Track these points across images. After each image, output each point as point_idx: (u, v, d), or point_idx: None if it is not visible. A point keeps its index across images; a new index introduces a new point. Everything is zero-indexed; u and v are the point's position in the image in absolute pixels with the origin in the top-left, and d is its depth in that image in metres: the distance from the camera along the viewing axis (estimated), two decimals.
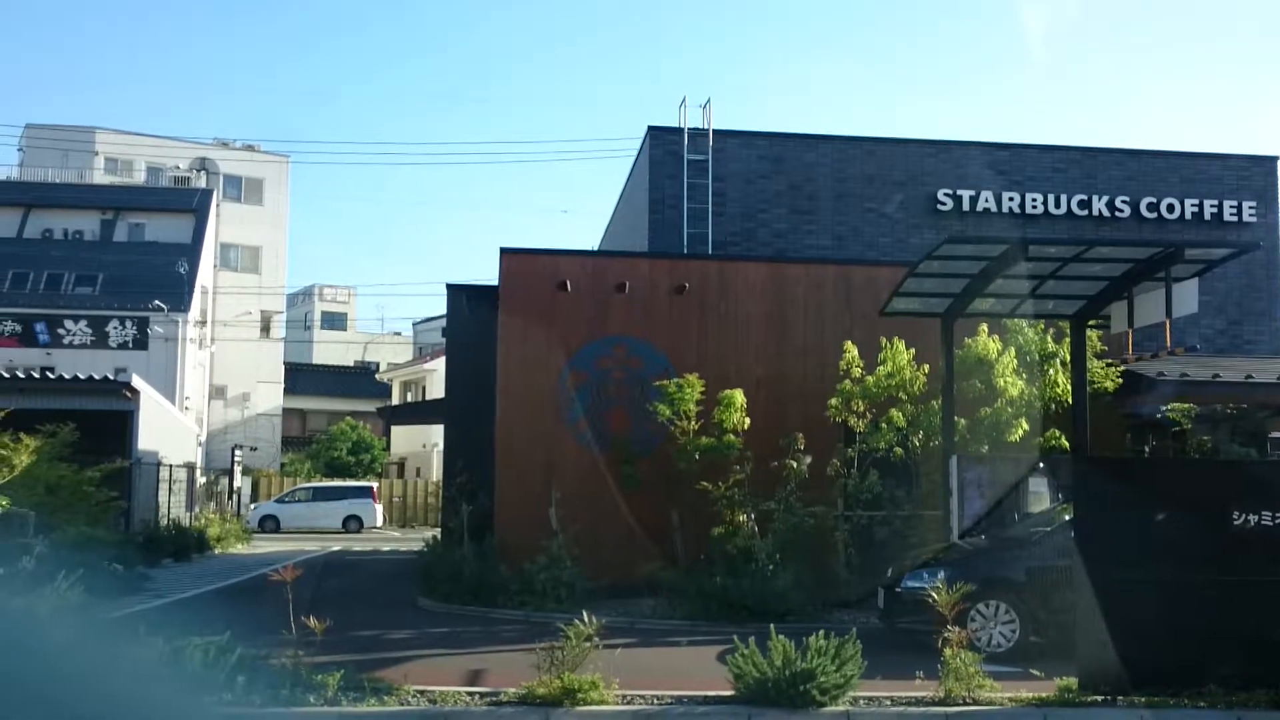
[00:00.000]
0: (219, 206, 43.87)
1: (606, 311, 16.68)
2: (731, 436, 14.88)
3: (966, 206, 21.81)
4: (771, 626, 8.59)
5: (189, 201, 41.95)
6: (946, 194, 21.84)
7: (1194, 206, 22.32)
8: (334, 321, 67.32)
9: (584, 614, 8.51)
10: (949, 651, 8.36)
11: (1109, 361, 16.76)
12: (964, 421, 14.66)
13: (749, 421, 15.07)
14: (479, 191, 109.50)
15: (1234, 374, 16.88)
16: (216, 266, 43.75)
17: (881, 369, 15.00)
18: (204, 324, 40.38)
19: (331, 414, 52.75)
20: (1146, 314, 12.77)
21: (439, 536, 19.56)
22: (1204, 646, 8.31)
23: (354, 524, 35.29)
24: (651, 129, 21.92)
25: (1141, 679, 8.28)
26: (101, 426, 19.69)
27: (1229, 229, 22.15)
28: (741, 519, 14.50)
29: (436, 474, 38.63)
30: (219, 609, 13.65)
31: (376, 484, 39.41)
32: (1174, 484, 9.02)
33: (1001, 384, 14.76)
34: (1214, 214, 22.33)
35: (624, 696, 8.25)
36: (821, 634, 8.27)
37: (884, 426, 14.77)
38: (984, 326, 15.12)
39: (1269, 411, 17.68)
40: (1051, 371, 15.26)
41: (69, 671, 3.97)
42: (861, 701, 8.21)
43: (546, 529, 14.77)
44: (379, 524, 36.23)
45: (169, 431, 26.27)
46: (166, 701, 4.93)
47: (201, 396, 40.95)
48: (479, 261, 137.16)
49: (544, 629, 10.00)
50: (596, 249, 27.73)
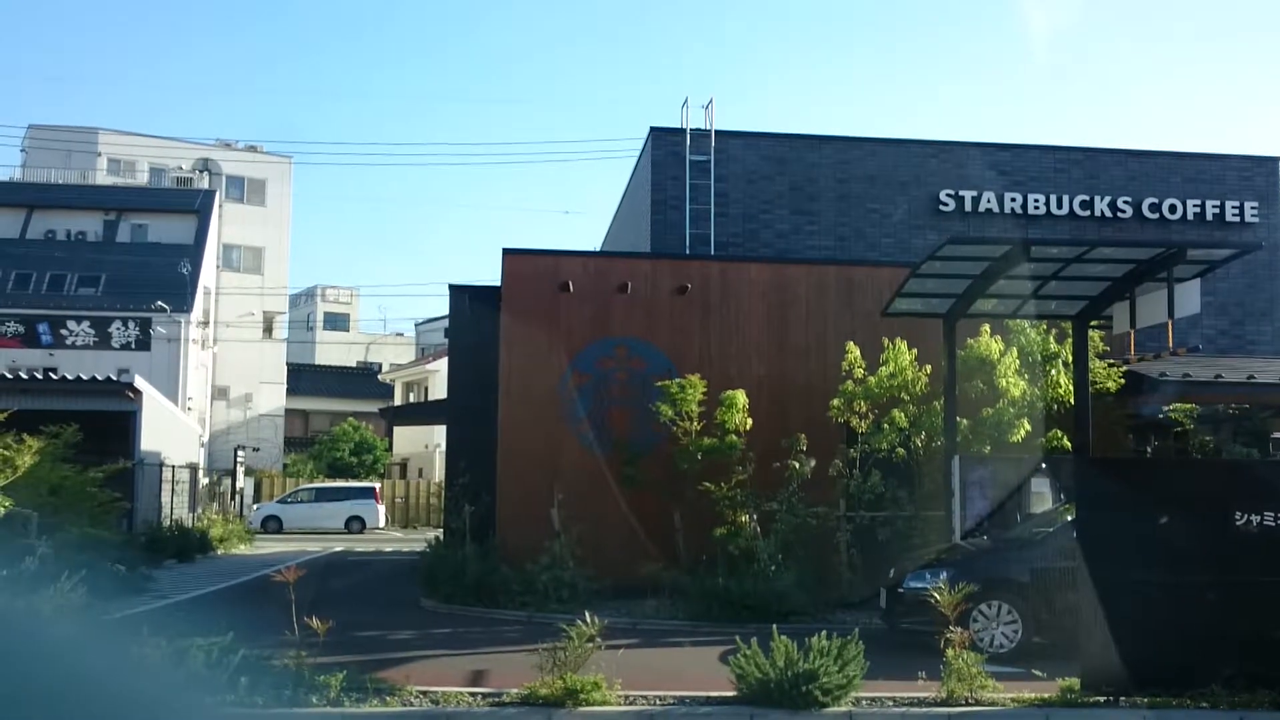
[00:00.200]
0: (221, 207, 43.93)
1: (608, 312, 16.70)
2: (733, 437, 14.88)
3: (968, 207, 21.79)
4: (774, 627, 8.60)
5: (191, 202, 41.98)
6: (948, 195, 21.82)
7: (1196, 207, 22.30)
8: (336, 322, 67.30)
9: (586, 614, 8.52)
10: (951, 652, 8.37)
11: (1111, 362, 16.77)
12: (966, 422, 14.65)
13: (751, 422, 15.07)
14: (481, 192, 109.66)
15: (1236, 374, 16.89)
16: (219, 267, 43.80)
17: (884, 369, 15.00)
18: (206, 325, 40.41)
19: (334, 414, 52.77)
20: (1149, 314, 12.77)
21: (441, 537, 19.56)
22: (1206, 647, 8.30)
23: (356, 525, 35.30)
24: (654, 129, 21.92)
25: (1144, 679, 8.29)
26: (104, 427, 19.73)
27: (1231, 229, 22.13)
28: (744, 519, 14.51)
29: (439, 475, 38.65)
30: (222, 610, 13.65)
31: (379, 485, 39.36)
32: (1176, 485, 9.03)
33: (1004, 384, 14.76)
34: (1216, 214, 22.31)
35: (626, 697, 8.26)
36: (824, 634, 8.28)
37: (886, 427, 14.78)
38: (986, 327, 15.11)
39: (1271, 412, 17.68)
40: (1054, 372, 15.27)
41: (72, 672, 3.97)
42: (864, 702, 8.23)
43: (549, 529, 14.78)
44: (381, 525, 36.24)
45: (171, 432, 26.29)
46: (169, 702, 4.93)
47: (204, 397, 40.98)
48: (481, 262, 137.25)
49: (546, 629, 10.01)
50: (599, 249, 27.71)
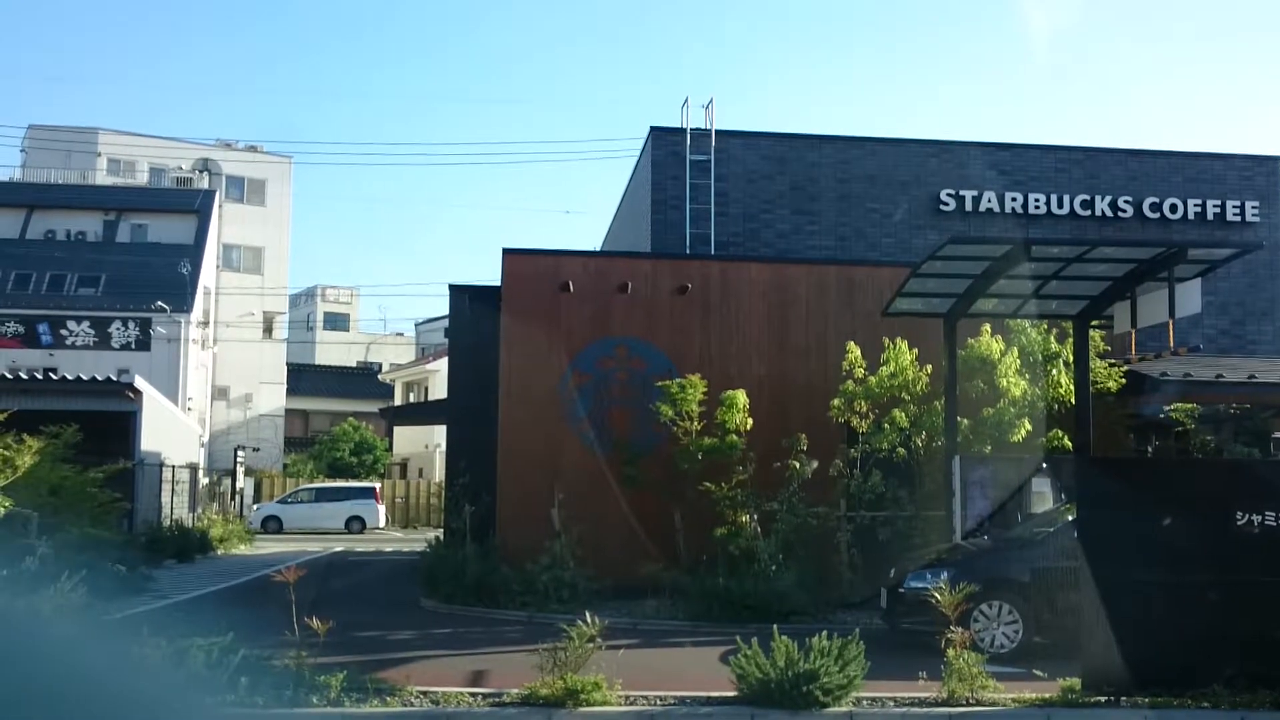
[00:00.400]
0: (221, 207, 43.92)
1: (609, 312, 16.69)
2: (734, 437, 14.87)
3: (969, 207, 21.77)
4: (774, 627, 8.59)
5: (191, 202, 41.97)
6: (949, 194, 21.81)
7: (1197, 206, 22.28)
8: (336, 322, 67.29)
9: (586, 614, 8.52)
10: (952, 652, 8.36)
11: (1112, 362, 16.75)
12: (967, 422, 14.64)
13: (751, 422, 15.06)
14: (481, 192, 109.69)
15: (1237, 374, 16.89)
16: (219, 267, 43.79)
17: (884, 369, 15.00)
18: (206, 325, 40.40)
19: (334, 415, 52.75)
20: (1149, 314, 12.77)
21: (441, 537, 19.56)
22: (1207, 647, 8.30)
23: (356, 525, 35.28)
24: (654, 129, 21.90)
25: (1145, 679, 8.28)
26: (104, 427, 19.72)
27: (1232, 229, 22.11)
28: (744, 519, 14.50)
29: (439, 475, 38.63)
30: (222, 610, 13.64)
31: (379, 485, 39.34)
32: (1177, 484, 9.02)
33: (1004, 384, 14.76)
34: (1217, 214, 22.30)
35: (627, 697, 8.26)
36: (824, 635, 8.28)
37: (887, 427, 14.77)
38: (987, 327, 15.11)
39: (1272, 411, 17.67)
40: (1054, 372, 15.25)
41: (72, 672, 3.95)
42: (865, 702, 8.22)
43: (549, 529, 14.78)
44: (381, 525, 36.23)
45: (172, 432, 26.29)
46: (169, 702, 4.91)
47: (204, 397, 40.97)
48: (481, 262, 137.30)
49: (546, 629, 10.01)
50: (599, 249, 27.70)
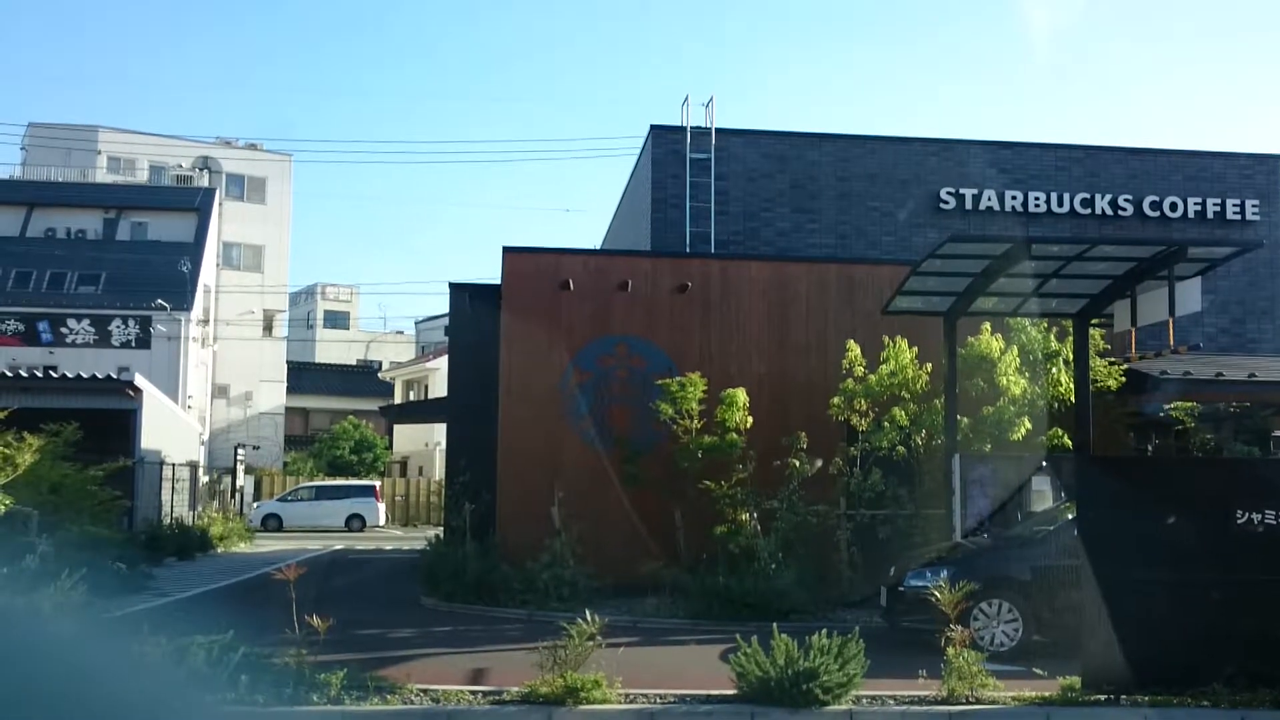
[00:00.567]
0: (221, 205, 43.90)
1: (609, 310, 16.69)
2: (734, 435, 14.87)
3: (969, 205, 21.76)
4: (774, 625, 8.60)
5: (191, 200, 41.95)
6: (949, 193, 21.80)
7: (1197, 205, 22.27)
8: (336, 320, 67.24)
9: (586, 613, 8.51)
10: (952, 650, 8.36)
11: (1112, 360, 16.74)
12: (967, 420, 14.64)
13: (751, 420, 15.06)
14: (481, 190, 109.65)
15: (1237, 372, 16.90)
16: (219, 265, 43.79)
17: (884, 368, 15.00)
18: (206, 323, 40.40)
19: (334, 413, 52.75)
20: (1149, 312, 12.76)
21: (441, 535, 19.56)
22: (1208, 646, 8.30)
23: (356, 523, 35.28)
24: (654, 128, 21.89)
25: (1145, 678, 8.28)
26: (104, 425, 19.70)
27: (1232, 227, 22.11)
28: (744, 518, 14.50)
29: (439, 473, 38.65)
30: (222, 608, 13.66)
31: (379, 483, 39.37)
32: (1177, 483, 9.01)
33: (1004, 383, 14.75)
34: (1217, 212, 22.29)
35: (627, 695, 8.26)
36: (824, 633, 8.27)
37: (886, 425, 14.78)
38: (987, 325, 15.10)
39: (1272, 410, 17.69)
40: (1054, 370, 15.26)
41: (72, 670, 3.96)
42: (864, 700, 8.22)
43: (549, 527, 14.78)
44: (381, 523, 36.23)
45: (172, 430, 26.28)
46: (169, 701, 4.92)
47: (204, 395, 40.97)
48: (482, 260, 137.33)
49: (547, 628, 10.01)
50: (599, 248, 27.70)
